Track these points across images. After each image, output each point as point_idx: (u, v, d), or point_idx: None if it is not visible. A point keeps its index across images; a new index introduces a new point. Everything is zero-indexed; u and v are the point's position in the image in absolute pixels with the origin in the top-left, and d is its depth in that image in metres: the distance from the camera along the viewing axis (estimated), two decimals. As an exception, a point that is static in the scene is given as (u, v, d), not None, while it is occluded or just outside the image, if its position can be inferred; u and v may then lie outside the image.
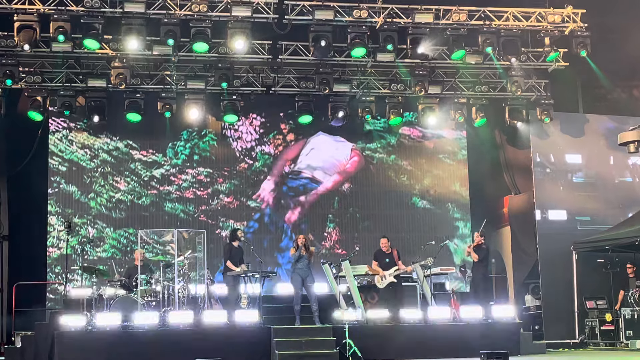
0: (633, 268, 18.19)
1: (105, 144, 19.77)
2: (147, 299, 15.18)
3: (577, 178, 19.58)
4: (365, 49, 17.83)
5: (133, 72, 18.04)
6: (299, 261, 15.76)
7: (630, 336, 17.42)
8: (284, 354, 14.04)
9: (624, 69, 18.78)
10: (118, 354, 13.95)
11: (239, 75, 18.55)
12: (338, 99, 19.28)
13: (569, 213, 19.25)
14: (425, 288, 16.57)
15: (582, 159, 19.61)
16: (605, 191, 19.53)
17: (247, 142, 20.48)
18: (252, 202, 20.33)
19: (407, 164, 21.20)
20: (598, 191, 19.53)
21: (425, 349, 14.87)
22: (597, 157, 19.61)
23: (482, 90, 19.39)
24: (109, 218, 19.58)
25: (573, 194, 19.33)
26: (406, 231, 20.59)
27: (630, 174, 19.76)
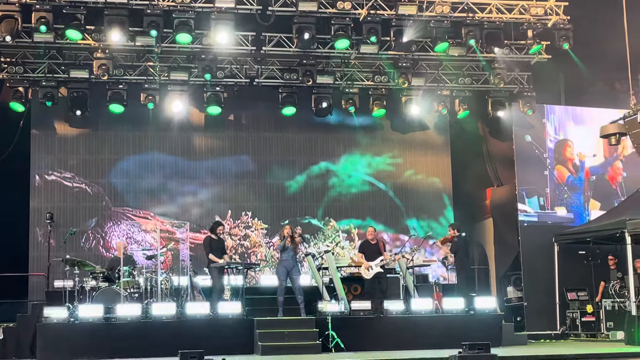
0: (614, 260, 18.32)
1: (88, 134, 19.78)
2: (129, 290, 15.16)
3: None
4: (349, 41, 17.82)
5: (116, 63, 17.95)
6: (284, 252, 15.77)
7: (611, 327, 17.55)
8: (266, 346, 14.06)
9: (606, 61, 18.83)
10: (100, 345, 13.92)
11: (222, 66, 18.50)
12: (322, 91, 19.27)
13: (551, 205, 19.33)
14: (407, 279, 16.63)
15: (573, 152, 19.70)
16: (588, 183, 19.64)
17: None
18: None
19: (390, 155, 21.26)
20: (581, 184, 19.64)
21: (407, 340, 14.93)
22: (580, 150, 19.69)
23: (465, 82, 19.45)
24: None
25: (555, 186, 19.40)
26: (389, 223, 20.67)
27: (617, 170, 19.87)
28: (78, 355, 13.67)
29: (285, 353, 13.83)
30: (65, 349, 13.80)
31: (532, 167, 19.24)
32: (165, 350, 13.37)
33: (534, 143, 19.34)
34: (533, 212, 19.11)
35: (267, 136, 20.88)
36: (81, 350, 13.79)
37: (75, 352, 13.73)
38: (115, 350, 13.82)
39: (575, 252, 18.73)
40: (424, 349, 14.39)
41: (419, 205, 21.18)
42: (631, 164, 19.58)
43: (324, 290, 16.04)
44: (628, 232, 16.63)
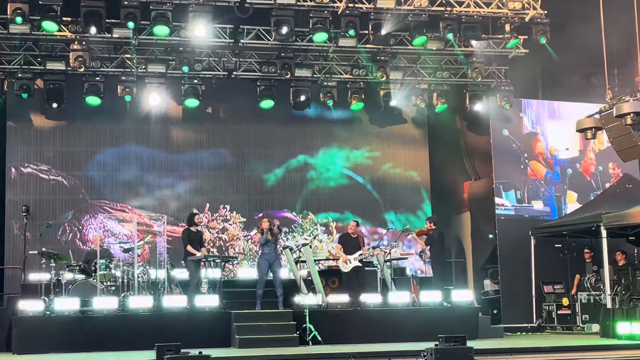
0: (590, 253, 18.45)
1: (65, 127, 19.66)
2: (106, 283, 15.10)
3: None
4: (327, 34, 17.80)
5: (92, 55, 17.81)
6: (265, 246, 15.75)
7: (587, 320, 17.68)
8: (244, 339, 14.05)
9: (582, 56, 18.94)
10: (77, 338, 13.85)
11: (200, 59, 18.43)
12: (300, 84, 19.23)
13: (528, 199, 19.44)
14: (385, 273, 16.67)
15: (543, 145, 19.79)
16: (565, 177, 19.77)
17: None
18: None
19: (368, 148, 21.30)
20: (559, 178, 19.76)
21: (385, 333, 14.95)
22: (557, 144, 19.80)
23: (443, 76, 19.50)
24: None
25: (531, 179, 19.51)
26: (367, 216, 20.71)
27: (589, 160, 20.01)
28: (54, 348, 13.60)
29: (262, 346, 13.80)
30: (41, 342, 13.71)
31: (509, 161, 19.34)
32: (142, 344, 13.29)
33: (511, 137, 19.44)
34: (510, 205, 19.21)
35: (245, 129, 20.84)
36: (57, 343, 13.72)
37: (51, 346, 13.66)
38: (91, 344, 13.75)
39: (551, 245, 18.85)
40: (401, 341, 14.42)
41: (396, 199, 21.22)
42: (606, 158, 19.72)
43: (301, 283, 16.04)
44: (604, 225, 16.75)
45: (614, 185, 18.87)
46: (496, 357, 12.54)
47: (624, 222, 16.50)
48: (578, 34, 18.25)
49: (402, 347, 13.38)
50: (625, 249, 17.96)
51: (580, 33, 18.00)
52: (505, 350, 13.17)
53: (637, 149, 15.32)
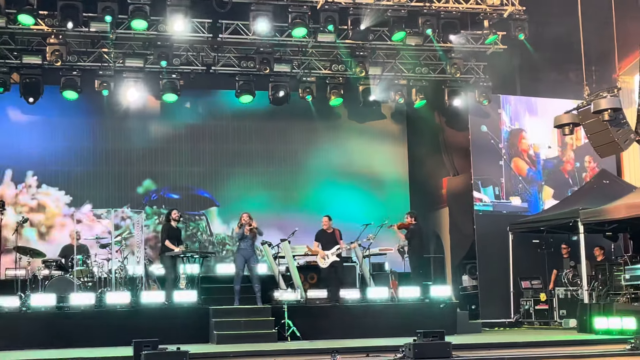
0: (567, 249, 18.55)
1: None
2: (83, 279, 15.01)
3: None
4: (306, 29, 17.74)
5: (69, 49, 17.63)
6: (242, 240, 15.71)
7: (564, 315, 17.77)
8: (222, 334, 14.02)
9: (561, 52, 19.03)
10: (53, 334, 13.78)
11: (178, 53, 18.29)
12: (279, 79, 19.16)
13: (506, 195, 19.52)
14: (363, 268, 16.69)
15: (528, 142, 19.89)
16: (542, 173, 19.86)
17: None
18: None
19: (347, 144, 21.29)
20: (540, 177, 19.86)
21: (363, 329, 14.99)
22: (534, 139, 19.89)
23: (422, 72, 19.48)
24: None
25: (510, 175, 19.58)
26: (346, 212, 20.68)
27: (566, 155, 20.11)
28: (30, 344, 13.49)
29: (240, 342, 13.79)
30: (18, 338, 13.61)
31: (487, 157, 19.40)
32: (119, 340, 13.24)
33: (489, 133, 19.50)
34: (488, 201, 19.28)
35: (224, 124, 20.77)
36: (34, 339, 13.62)
37: (28, 342, 13.56)
38: (68, 340, 13.68)
39: (529, 241, 18.95)
40: (380, 337, 14.46)
41: (375, 194, 21.22)
42: (584, 154, 19.83)
43: (280, 278, 16.03)
44: (581, 221, 16.84)
45: (591, 181, 18.97)
46: (474, 352, 12.57)
47: (601, 218, 16.60)
48: (556, 30, 18.34)
49: (380, 342, 13.41)
50: (603, 245, 18.07)
51: (559, 29, 18.09)
52: (483, 346, 13.22)
53: (614, 145, 15.40)
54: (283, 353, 12.44)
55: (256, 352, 12.52)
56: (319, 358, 11.88)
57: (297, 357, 12.15)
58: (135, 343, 11.16)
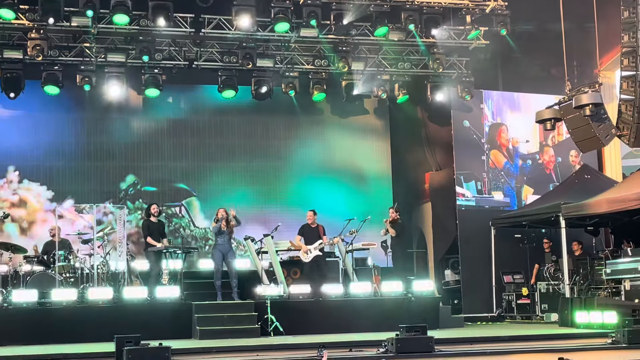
0: (549, 243, 18.64)
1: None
2: (65, 275, 14.94)
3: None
4: (289, 24, 17.73)
5: (51, 43, 17.53)
6: (219, 236, 15.69)
7: (546, 309, 17.88)
8: (205, 330, 13.99)
9: (542, 47, 19.10)
10: (35, 330, 13.69)
11: (160, 48, 18.21)
12: (262, 74, 19.14)
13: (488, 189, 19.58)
14: (346, 263, 16.70)
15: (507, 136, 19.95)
16: (524, 168, 19.94)
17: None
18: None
19: (330, 139, 21.30)
20: (517, 170, 19.93)
21: (346, 324, 14.98)
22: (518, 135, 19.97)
23: (405, 67, 19.51)
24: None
25: (491, 170, 19.65)
26: (329, 207, 20.69)
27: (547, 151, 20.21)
28: (12, 340, 13.39)
29: (223, 337, 13.78)
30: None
31: (470, 152, 19.46)
32: (101, 336, 13.17)
33: (471, 128, 19.56)
34: (471, 196, 19.34)
35: (207, 119, 20.74)
36: (15, 335, 13.52)
37: (9, 338, 13.45)
38: (50, 336, 13.60)
39: (511, 235, 19.04)
40: (363, 331, 14.47)
41: (358, 189, 21.25)
42: (565, 149, 19.92)
43: (263, 274, 16.02)
44: (562, 216, 16.92)
45: (573, 176, 19.07)
46: (456, 346, 12.61)
47: (582, 213, 16.69)
48: (538, 26, 18.42)
49: (363, 337, 13.43)
50: (581, 239, 18.19)
51: (541, 25, 18.18)
52: (465, 340, 13.27)
53: (595, 140, 15.52)
54: (266, 348, 12.44)
55: (239, 347, 12.50)
56: (302, 353, 11.88)
57: (280, 352, 12.15)
58: (117, 339, 11.12)
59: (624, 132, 15.02)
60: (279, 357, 11.81)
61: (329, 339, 13.26)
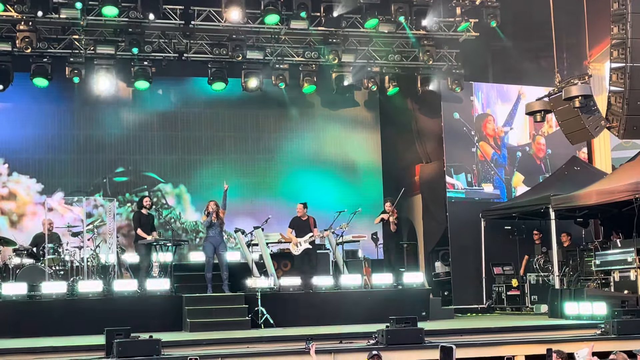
0: (539, 235, 18.68)
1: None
2: (54, 268, 14.90)
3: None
4: (279, 16, 17.68)
5: (40, 35, 17.43)
6: (210, 228, 15.68)
7: (535, 301, 17.93)
8: (195, 322, 13.99)
9: (532, 39, 19.13)
10: (25, 323, 13.67)
11: (150, 40, 18.13)
12: (252, 66, 19.08)
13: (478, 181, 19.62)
14: (337, 255, 16.71)
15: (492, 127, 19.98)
16: (514, 160, 19.99)
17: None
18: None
19: (320, 131, 21.29)
20: (508, 160, 19.97)
21: (337, 315, 15.01)
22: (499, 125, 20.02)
23: (395, 59, 19.48)
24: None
25: (481, 162, 19.67)
26: (319, 199, 20.69)
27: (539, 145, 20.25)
28: (1, 333, 13.31)
29: (214, 329, 13.77)
30: (-12, 327, 13.51)
31: (460, 144, 19.47)
32: (91, 328, 13.13)
33: (461, 120, 19.57)
34: (461, 188, 19.37)
35: (197, 111, 20.70)
36: (4, 328, 13.45)
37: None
38: (40, 329, 13.58)
39: (501, 227, 19.07)
40: (353, 323, 14.49)
41: (348, 182, 21.25)
42: (555, 141, 19.95)
43: (253, 266, 16.02)
44: (552, 207, 16.96)
45: (562, 167, 19.10)
46: (446, 337, 12.65)
47: (572, 204, 16.73)
48: (528, 17, 18.43)
49: (353, 329, 13.46)
50: (570, 231, 18.23)
51: (530, 17, 18.18)
52: (455, 331, 13.31)
53: (585, 132, 15.55)
54: (256, 340, 12.44)
55: (229, 339, 12.50)
56: (293, 345, 11.91)
57: (271, 345, 12.17)
58: (107, 331, 11.13)
59: (614, 124, 15.04)
60: (270, 349, 11.84)
61: (319, 331, 13.29)
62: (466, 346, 12.14)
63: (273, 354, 11.61)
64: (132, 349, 10.88)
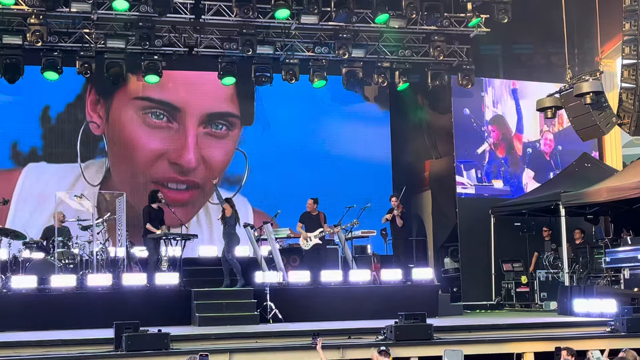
0: (549, 231, 18.62)
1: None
2: (64, 261, 14.93)
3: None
4: (289, 11, 17.67)
5: (50, 29, 17.47)
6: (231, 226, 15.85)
7: (545, 298, 17.87)
8: (204, 317, 13.99)
9: (543, 35, 19.05)
10: (34, 316, 13.67)
11: (160, 34, 18.15)
12: (262, 61, 19.06)
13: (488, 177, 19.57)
14: (346, 251, 16.70)
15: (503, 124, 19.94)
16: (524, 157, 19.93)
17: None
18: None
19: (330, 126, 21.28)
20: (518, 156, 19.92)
21: (345, 311, 14.98)
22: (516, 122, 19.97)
23: (405, 54, 19.43)
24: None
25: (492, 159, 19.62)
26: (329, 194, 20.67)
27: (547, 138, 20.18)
28: (11, 326, 13.38)
29: (222, 324, 13.77)
30: (-2, 319, 13.56)
31: (470, 140, 19.40)
32: (100, 322, 13.12)
33: (472, 116, 19.50)
34: (471, 184, 19.32)
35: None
36: (14, 321, 13.50)
37: (8, 324, 13.43)
38: (49, 322, 13.58)
39: (511, 223, 19.02)
40: (362, 319, 14.45)
41: (358, 177, 21.22)
42: (566, 137, 19.88)
43: (262, 261, 16.02)
44: (562, 204, 16.89)
45: (573, 164, 19.03)
46: (455, 334, 12.64)
47: (582, 201, 16.68)
48: (539, 13, 18.34)
49: (362, 324, 13.44)
50: (583, 228, 18.17)
51: (542, 12, 18.09)
52: (464, 327, 13.30)
53: (596, 128, 15.48)
54: (265, 335, 12.45)
55: (238, 334, 12.53)
56: (301, 340, 11.91)
57: (279, 339, 12.18)
58: (116, 325, 11.15)
59: (625, 121, 14.99)
60: (278, 344, 11.85)
61: (328, 326, 13.29)
62: (475, 343, 12.13)
63: (281, 348, 11.62)
64: (141, 343, 10.90)
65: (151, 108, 20.48)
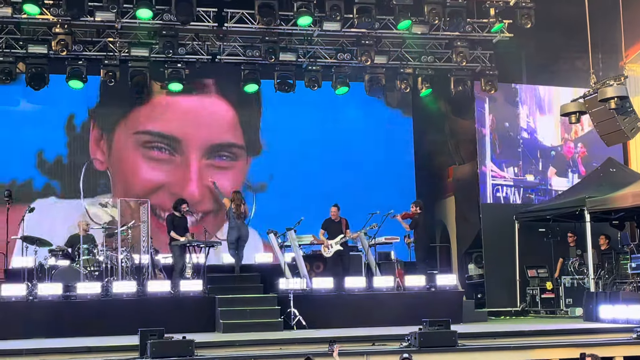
0: (574, 237, 18.50)
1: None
2: (89, 268, 15.03)
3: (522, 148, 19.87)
4: (312, 18, 17.71)
5: (75, 38, 17.63)
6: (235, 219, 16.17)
7: (570, 304, 17.75)
8: (228, 323, 14.05)
9: (567, 40, 18.96)
10: (60, 323, 13.85)
11: (183, 43, 18.25)
12: (284, 68, 19.09)
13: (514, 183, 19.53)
14: (369, 257, 16.69)
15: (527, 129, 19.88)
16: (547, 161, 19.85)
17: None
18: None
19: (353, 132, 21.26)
20: (541, 161, 19.84)
21: (369, 318, 14.99)
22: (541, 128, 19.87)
23: (428, 60, 19.39)
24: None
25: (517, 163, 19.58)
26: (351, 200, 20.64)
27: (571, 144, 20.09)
28: (37, 333, 13.53)
29: (246, 330, 13.81)
30: (25, 327, 13.66)
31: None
32: (125, 329, 13.25)
33: (495, 121, 19.45)
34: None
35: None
36: (40, 328, 13.66)
37: (35, 331, 13.59)
38: (75, 329, 13.73)
39: (535, 229, 18.93)
40: (385, 325, 14.46)
41: (381, 183, 21.17)
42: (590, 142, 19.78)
43: (285, 267, 16.05)
44: (587, 210, 16.80)
45: (598, 169, 18.92)
46: (480, 340, 12.60)
47: (607, 207, 16.57)
48: (563, 18, 18.26)
49: (386, 331, 13.43)
50: (609, 233, 18.03)
51: (565, 17, 18.01)
52: (488, 334, 13.24)
53: (620, 133, 15.32)
54: (289, 342, 12.48)
55: (262, 340, 12.56)
56: (325, 347, 11.90)
57: (303, 346, 12.20)
58: (141, 332, 11.22)
59: (650, 126, 14.85)
60: (302, 350, 11.85)
61: (351, 332, 13.30)
62: (500, 349, 12.08)
63: (305, 355, 11.61)
64: (166, 350, 10.96)
65: (153, 142, 20.39)
